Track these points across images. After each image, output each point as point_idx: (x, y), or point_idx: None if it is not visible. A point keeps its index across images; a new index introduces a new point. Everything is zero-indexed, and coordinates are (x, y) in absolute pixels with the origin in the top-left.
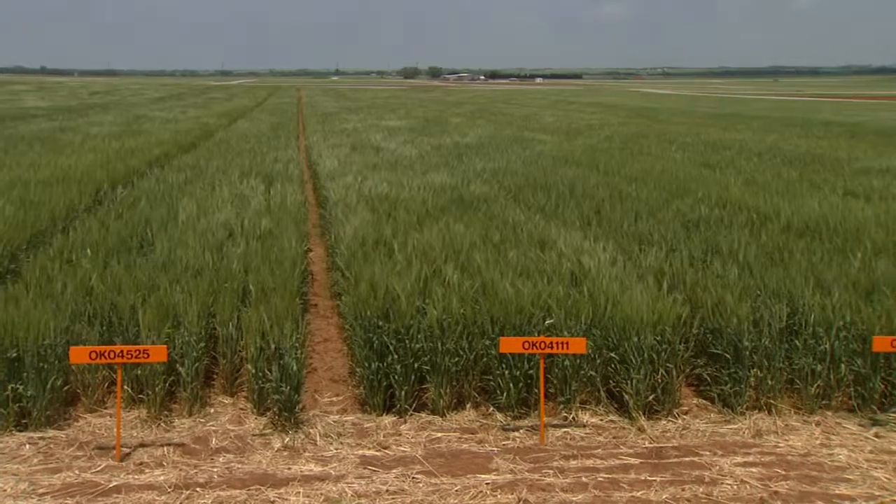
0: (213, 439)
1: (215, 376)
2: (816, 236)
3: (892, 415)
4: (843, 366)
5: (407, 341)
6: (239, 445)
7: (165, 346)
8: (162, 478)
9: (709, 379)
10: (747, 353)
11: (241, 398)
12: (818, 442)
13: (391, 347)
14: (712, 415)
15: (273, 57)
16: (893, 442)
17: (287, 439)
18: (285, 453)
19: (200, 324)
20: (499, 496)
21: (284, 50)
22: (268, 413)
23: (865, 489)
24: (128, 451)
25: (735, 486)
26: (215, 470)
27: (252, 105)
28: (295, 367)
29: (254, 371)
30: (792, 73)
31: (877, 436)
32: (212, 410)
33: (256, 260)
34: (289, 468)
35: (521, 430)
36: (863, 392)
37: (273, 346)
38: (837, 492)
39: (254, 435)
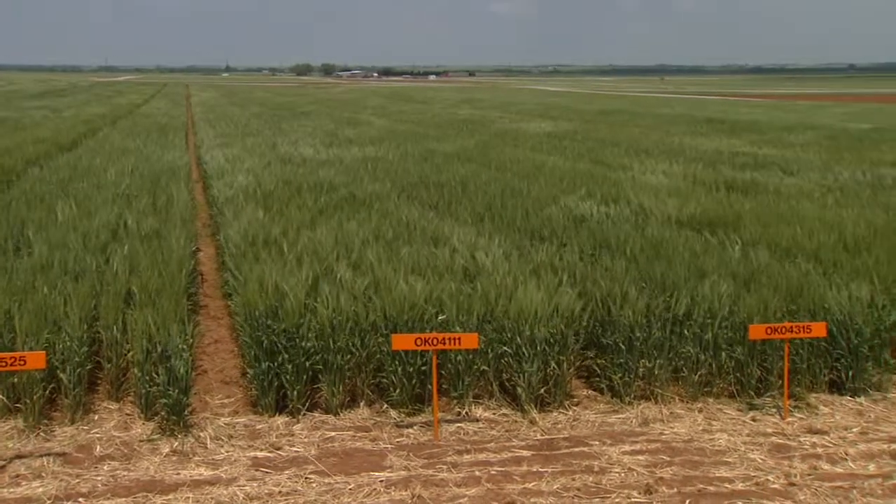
0: (98, 447)
1: (100, 382)
2: (698, 229)
3: (767, 399)
4: (723, 354)
5: (297, 340)
6: (125, 452)
7: (44, 352)
8: (41, 490)
9: (598, 370)
10: (637, 343)
11: (127, 403)
12: (700, 428)
13: (282, 347)
14: (602, 405)
15: (160, 53)
16: (768, 425)
17: (176, 444)
18: (174, 458)
19: (83, 328)
20: (393, 493)
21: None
22: (156, 418)
23: (743, 471)
24: (3, 463)
25: (623, 474)
26: (99, 479)
27: (140, 101)
28: (183, 370)
29: (140, 375)
30: (677, 72)
31: (753, 419)
32: (96, 417)
33: (143, 261)
34: (178, 473)
35: (414, 427)
36: (741, 378)
37: (160, 349)
38: (717, 475)
39: (141, 441)
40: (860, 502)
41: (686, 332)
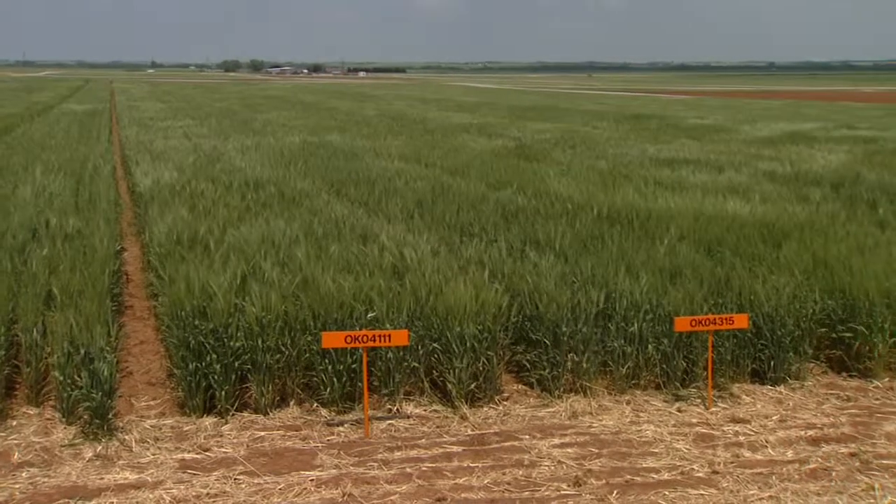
0: (16, 453)
1: (18, 386)
2: (626, 223)
3: (692, 390)
4: (650, 346)
5: (225, 340)
6: (45, 458)
7: None
8: None
9: (528, 365)
10: (564, 338)
11: (48, 408)
12: (628, 420)
13: (209, 347)
14: (531, 399)
15: (83, 47)
16: (693, 415)
17: (100, 448)
18: (97, 463)
19: (0, 330)
20: (323, 492)
21: (96, 40)
22: (78, 422)
23: (669, 461)
24: None
25: (552, 467)
26: (17, 486)
27: (62, 96)
28: (107, 372)
29: (61, 378)
30: (604, 69)
31: (679, 410)
32: (14, 423)
33: (64, 261)
34: (101, 478)
35: (345, 425)
36: (668, 370)
37: (83, 351)
38: (644, 465)
39: (62, 446)
40: (778, 487)
41: (612, 326)
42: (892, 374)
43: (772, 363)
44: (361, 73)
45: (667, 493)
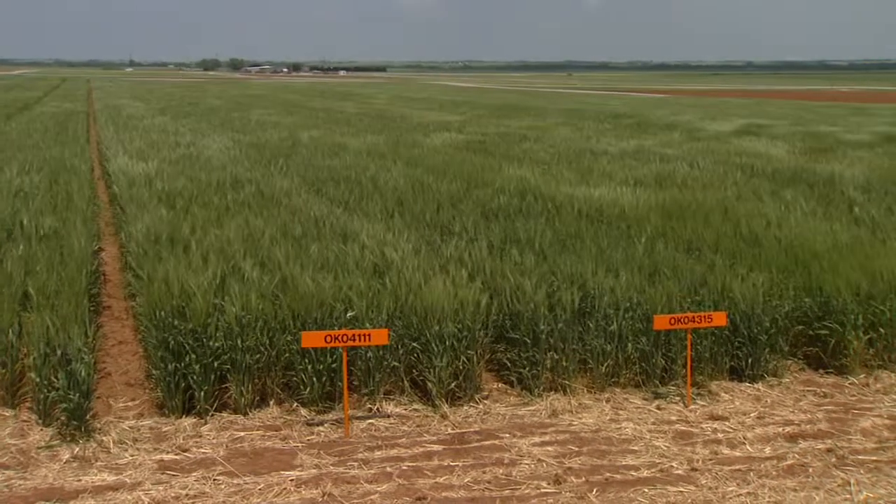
0: None
1: None
2: (605, 221)
3: (671, 388)
4: (629, 345)
5: (205, 340)
6: (21, 460)
7: None
8: None
9: (508, 363)
10: (544, 336)
11: (24, 410)
12: (608, 418)
13: (188, 347)
14: (512, 398)
15: (60, 45)
16: (672, 413)
17: (77, 449)
18: (75, 464)
19: None
20: (303, 492)
21: (73, 38)
22: (55, 423)
23: (648, 458)
24: None
25: (533, 466)
26: None
27: (39, 95)
28: (84, 373)
29: (38, 379)
30: (584, 68)
31: (658, 408)
32: None
33: (40, 262)
34: (79, 480)
35: (325, 424)
36: (647, 368)
37: (59, 352)
38: (624, 463)
39: (39, 448)
40: (756, 484)
41: (592, 324)
42: (868, 371)
43: (749, 360)
44: (342, 72)
45: (646, 490)
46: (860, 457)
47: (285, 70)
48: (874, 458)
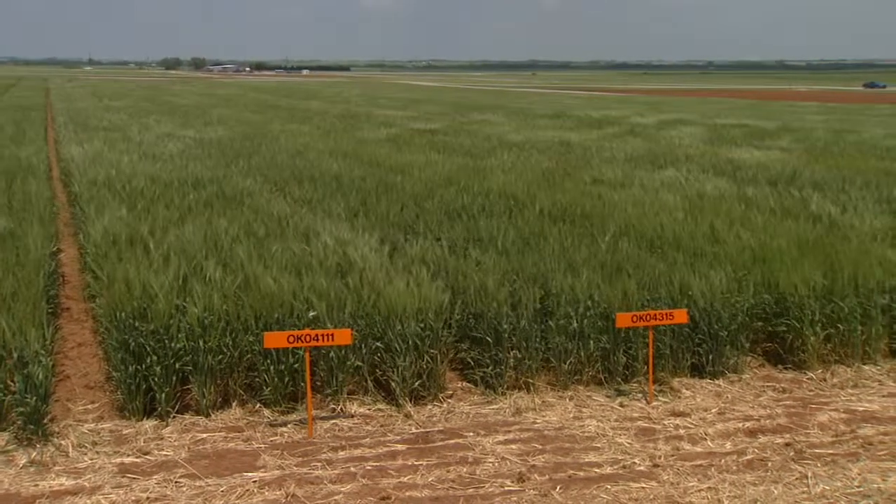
0: None
1: None
2: (568, 220)
3: (634, 385)
4: (591, 342)
5: (166, 341)
6: None
7: None
8: None
9: (472, 362)
10: (506, 335)
11: None
12: (571, 415)
13: (149, 349)
14: (475, 397)
15: (15, 43)
16: (634, 410)
17: (34, 454)
18: (32, 469)
19: None
20: (266, 493)
21: (29, 36)
22: (11, 427)
23: (611, 455)
24: None
25: (497, 464)
26: None
27: None
28: (42, 376)
29: None
30: (547, 67)
31: (621, 405)
32: None
33: None
34: (36, 485)
35: (288, 425)
36: (609, 366)
37: (16, 355)
38: (587, 460)
39: None
40: (717, 479)
41: (553, 322)
42: (826, 366)
43: (710, 357)
44: (305, 71)
45: (609, 486)
46: (817, 450)
47: (247, 69)
48: (831, 451)
